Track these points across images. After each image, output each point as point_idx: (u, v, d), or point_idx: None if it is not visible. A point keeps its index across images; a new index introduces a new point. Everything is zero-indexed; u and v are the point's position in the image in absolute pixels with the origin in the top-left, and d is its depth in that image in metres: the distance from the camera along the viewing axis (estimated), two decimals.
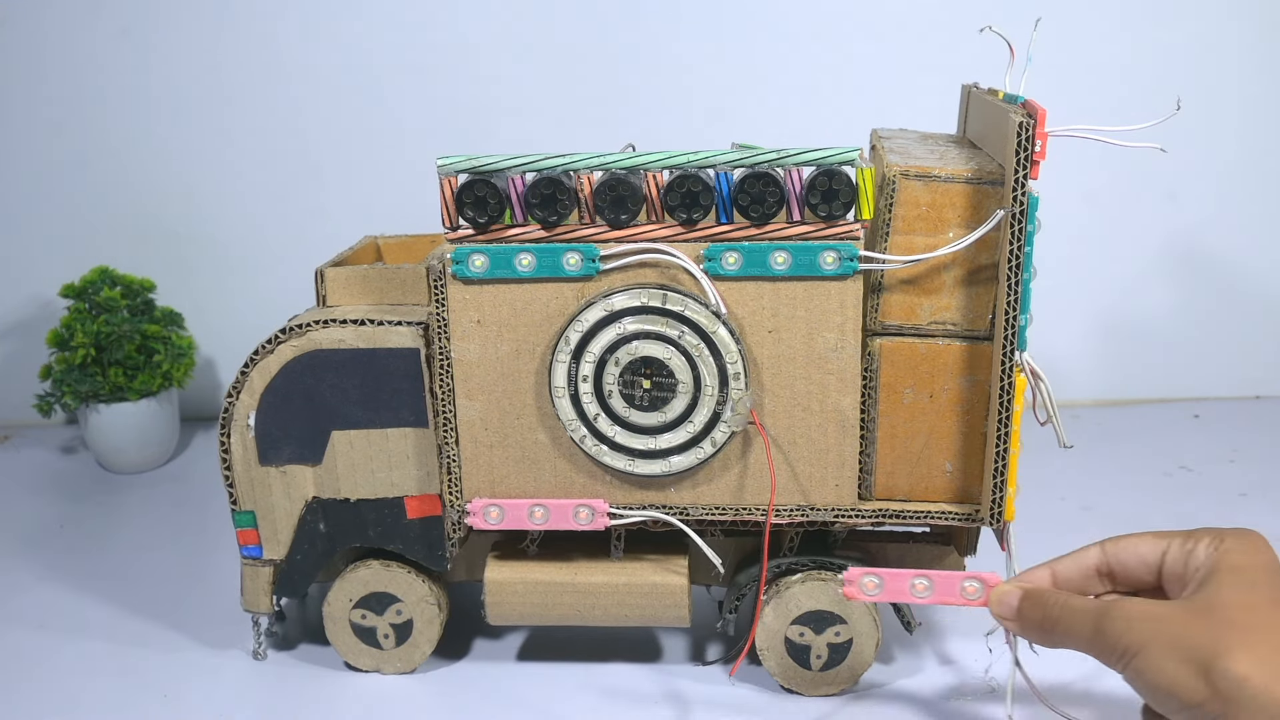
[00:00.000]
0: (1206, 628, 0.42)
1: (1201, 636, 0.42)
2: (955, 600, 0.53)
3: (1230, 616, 0.42)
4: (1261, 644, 0.40)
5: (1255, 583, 0.44)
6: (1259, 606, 0.42)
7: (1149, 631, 0.43)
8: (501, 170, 0.55)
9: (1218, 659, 0.40)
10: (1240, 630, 0.41)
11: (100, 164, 1.07)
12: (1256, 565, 0.45)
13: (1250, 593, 0.43)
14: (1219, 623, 0.42)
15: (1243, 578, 0.44)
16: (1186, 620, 0.43)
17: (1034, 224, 0.52)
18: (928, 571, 0.54)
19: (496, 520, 0.60)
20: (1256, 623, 0.41)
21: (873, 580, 0.54)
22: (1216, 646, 0.41)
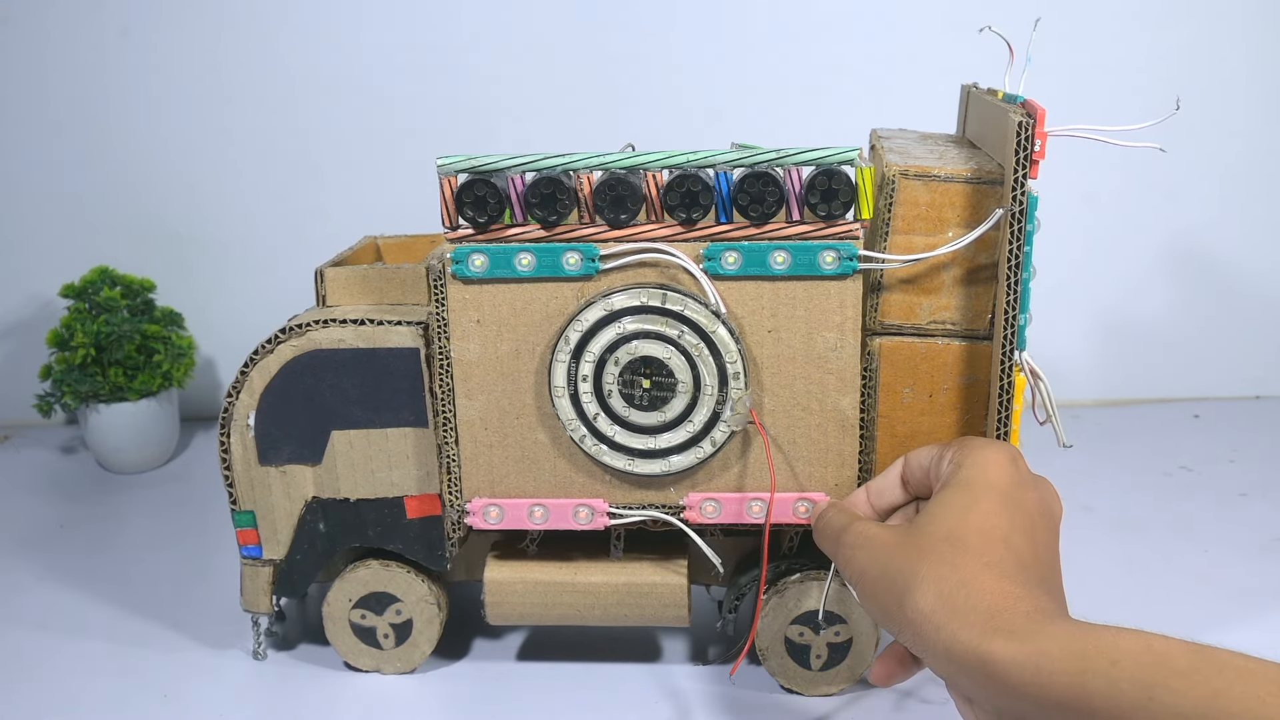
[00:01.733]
0: (908, 557, 0.43)
1: (903, 566, 0.42)
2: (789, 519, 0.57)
3: (930, 545, 0.43)
4: (948, 578, 0.41)
5: (970, 505, 0.44)
6: (961, 537, 0.42)
7: (866, 558, 0.44)
8: (501, 170, 0.55)
9: (909, 591, 0.41)
10: (932, 562, 0.42)
11: (100, 164, 1.07)
12: (981, 483, 0.45)
13: (961, 517, 0.43)
14: (919, 552, 0.42)
15: (963, 498, 0.44)
16: (896, 548, 0.44)
17: (1033, 223, 0.52)
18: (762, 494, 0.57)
19: (496, 520, 0.60)
20: (950, 555, 0.42)
21: (711, 504, 0.58)
22: (909, 579, 0.42)
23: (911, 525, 0.45)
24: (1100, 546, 0.79)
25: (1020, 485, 0.46)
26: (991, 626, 0.39)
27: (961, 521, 0.43)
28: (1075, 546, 0.78)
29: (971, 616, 0.39)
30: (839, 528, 0.48)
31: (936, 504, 0.45)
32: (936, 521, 0.44)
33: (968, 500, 0.44)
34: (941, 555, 0.42)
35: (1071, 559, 0.77)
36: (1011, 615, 0.39)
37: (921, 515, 0.45)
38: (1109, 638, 0.37)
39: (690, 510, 0.59)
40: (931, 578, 0.41)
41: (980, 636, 0.39)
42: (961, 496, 0.45)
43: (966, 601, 0.40)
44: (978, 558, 0.42)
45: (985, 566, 0.41)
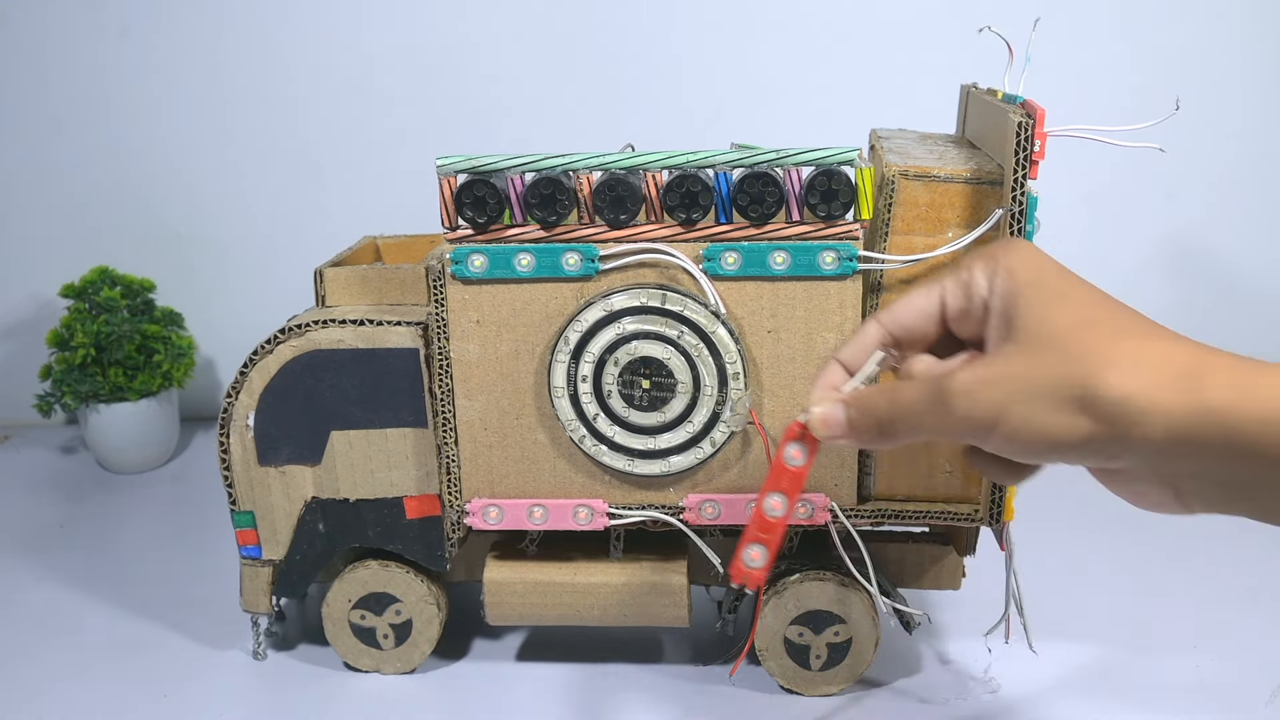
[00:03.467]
0: (1060, 362, 0.37)
1: (1058, 375, 0.37)
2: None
3: (1077, 340, 0.38)
4: (1124, 356, 0.36)
5: (1063, 294, 0.39)
6: (1089, 320, 0.38)
7: (999, 394, 0.38)
8: (501, 170, 0.55)
9: (1093, 390, 0.36)
10: (1090, 351, 0.37)
11: (100, 164, 1.07)
12: (1048, 274, 0.40)
13: (1069, 308, 0.39)
14: (1070, 352, 0.37)
15: (1049, 294, 0.40)
16: (1030, 364, 0.38)
17: (1033, 224, 0.52)
18: None
19: (496, 520, 0.60)
20: (1098, 337, 0.37)
21: (710, 505, 0.57)
22: (1081, 379, 0.36)
23: (1014, 341, 0.39)
24: (1100, 546, 0.79)
25: (1057, 262, 0.42)
26: (1206, 382, 0.35)
27: (1077, 308, 0.39)
28: (1075, 547, 0.79)
29: (1179, 379, 0.35)
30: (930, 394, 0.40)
31: (1026, 310, 0.39)
32: (1052, 319, 0.38)
33: (1056, 293, 0.39)
34: (1093, 341, 0.37)
35: (1071, 559, 0.77)
36: (1217, 368, 0.35)
37: (1019, 327, 0.39)
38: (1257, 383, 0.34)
39: (690, 511, 0.59)
40: (1104, 362, 0.36)
41: (1197, 390, 0.34)
42: (1043, 293, 0.39)
43: (1160, 367, 0.36)
44: (1128, 327, 0.38)
45: (1142, 333, 0.37)
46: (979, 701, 0.61)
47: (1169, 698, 0.61)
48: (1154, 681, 0.62)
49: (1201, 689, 0.61)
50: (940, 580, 0.64)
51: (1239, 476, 0.35)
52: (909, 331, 0.44)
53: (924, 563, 0.64)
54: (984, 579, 0.63)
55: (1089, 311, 0.39)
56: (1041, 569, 0.65)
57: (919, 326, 0.44)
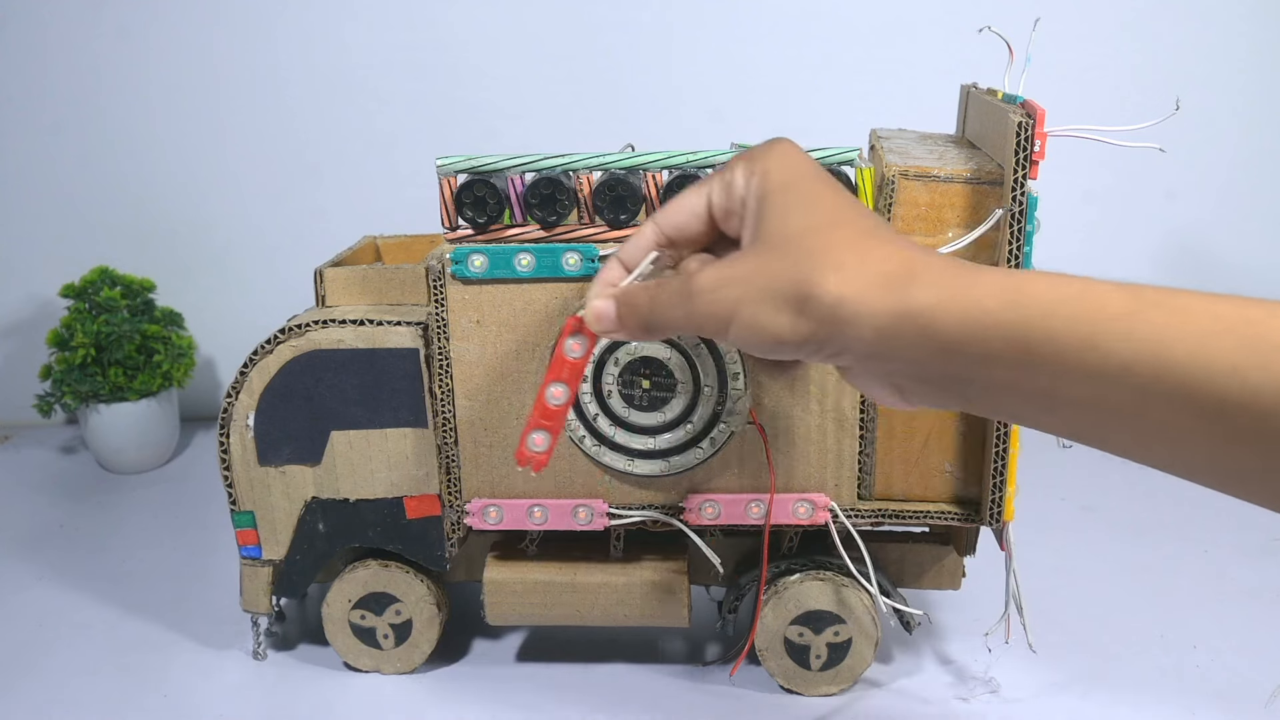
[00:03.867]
0: (785, 266, 0.39)
1: (784, 276, 0.39)
2: (788, 519, 0.56)
3: (808, 244, 0.39)
4: (842, 260, 0.38)
5: (807, 198, 0.41)
6: (822, 225, 0.40)
7: (734, 293, 0.41)
8: (501, 170, 0.55)
9: (808, 292, 0.38)
10: (815, 254, 0.39)
11: (100, 164, 1.07)
12: (800, 177, 0.42)
13: (808, 211, 0.41)
14: (799, 254, 0.39)
15: (793, 197, 0.41)
16: (762, 265, 0.40)
17: (1033, 224, 0.52)
18: (761, 495, 0.56)
19: (496, 520, 0.60)
20: (827, 241, 0.39)
21: (710, 505, 0.58)
22: (802, 281, 0.38)
23: (757, 242, 0.41)
24: (1100, 547, 0.79)
25: (816, 165, 0.43)
26: (917, 284, 0.37)
27: (814, 214, 0.40)
28: (1075, 547, 0.79)
29: (889, 283, 0.37)
30: (678, 290, 0.43)
31: (770, 212, 0.41)
32: (790, 222, 0.41)
33: (802, 196, 0.41)
34: (820, 245, 0.39)
35: (1071, 559, 0.77)
36: (927, 271, 0.37)
37: (762, 228, 0.41)
38: (1043, 285, 0.36)
39: (689, 511, 0.59)
40: (824, 265, 0.38)
41: (905, 297, 0.37)
42: (791, 196, 0.41)
43: (875, 273, 0.38)
44: (857, 232, 0.39)
45: (870, 237, 0.39)
46: (979, 701, 0.61)
47: (1169, 698, 0.61)
48: (1154, 682, 0.62)
49: (1201, 689, 0.61)
50: (940, 580, 0.64)
51: (947, 374, 0.37)
52: (681, 231, 0.46)
53: (924, 563, 0.64)
54: (984, 579, 0.63)
55: (830, 215, 0.40)
56: (1041, 569, 0.65)
57: (690, 226, 0.45)
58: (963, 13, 0.99)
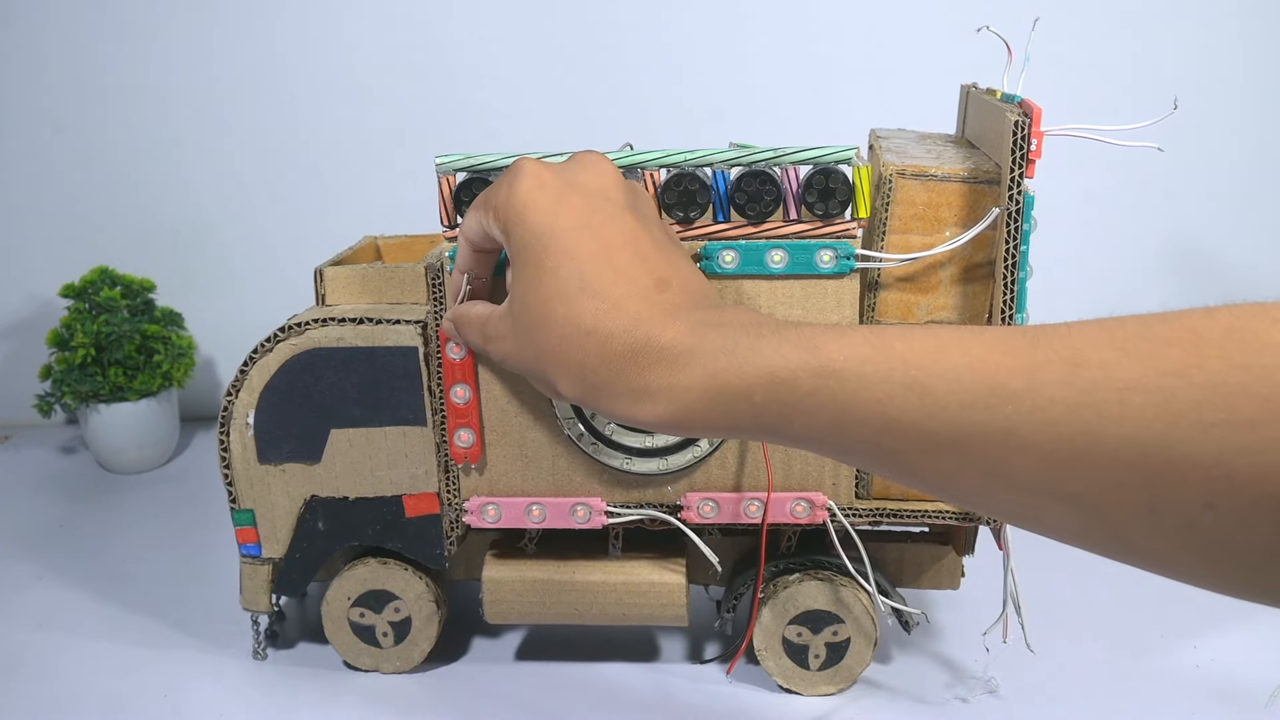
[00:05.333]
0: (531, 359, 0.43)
1: (534, 369, 0.43)
2: (786, 518, 0.58)
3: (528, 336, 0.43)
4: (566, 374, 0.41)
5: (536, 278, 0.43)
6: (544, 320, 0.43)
7: (510, 362, 0.46)
8: (499, 169, 0.55)
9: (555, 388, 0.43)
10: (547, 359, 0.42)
11: (100, 164, 1.07)
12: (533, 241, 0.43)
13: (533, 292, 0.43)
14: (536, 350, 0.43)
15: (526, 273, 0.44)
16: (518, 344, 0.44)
17: (1030, 223, 0.52)
18: (759, 493, 0.58)
19: (494, 519, 0.60)
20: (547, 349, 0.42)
21: (708, 504, 0.59)
22: (549, 383, 0.43)
23: (511, 303, 0.45)
24: None
25: (565, 213, 0.43)
26: (632, 397, 0.39)
27: (535, 301, 0.42)
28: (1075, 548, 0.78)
29: (607, 394, 0.40)
30: (475, 328, 0.48)
31: (517, 277, 0.44)
32: (519, 305, 0.44)
33: (531, 273, 0.43)
34: (542, 351, 0.42)
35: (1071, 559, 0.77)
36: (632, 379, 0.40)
37: (513, 291, 0.44)
38: (742, 375, 0.37)
39: (688, 510, 0.59)
40: (554, 373, 0.42)
41: (629, 409, 0.40)
42: (524, 272, 0.43)
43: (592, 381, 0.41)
44: (574, 338, 0.41)
45: (584, 341, 0.41)
46: (978, 701, 0.61)
47: (1169, 698, 0.61)
48: (1154, 682, 0.62)
49: (1201, 689, 0.61)
50: (939, 580, 0.64)
51: None
52: (481, 245, 0.49)
53: (923, 562, 0.64)
54: (983, 579, 0.63)
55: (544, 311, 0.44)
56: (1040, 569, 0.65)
57: (484, 244, 0.49)
58: (962, 13, 0.99)
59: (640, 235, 0.43)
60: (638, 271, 0.42)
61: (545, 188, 0.43)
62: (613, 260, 0.41)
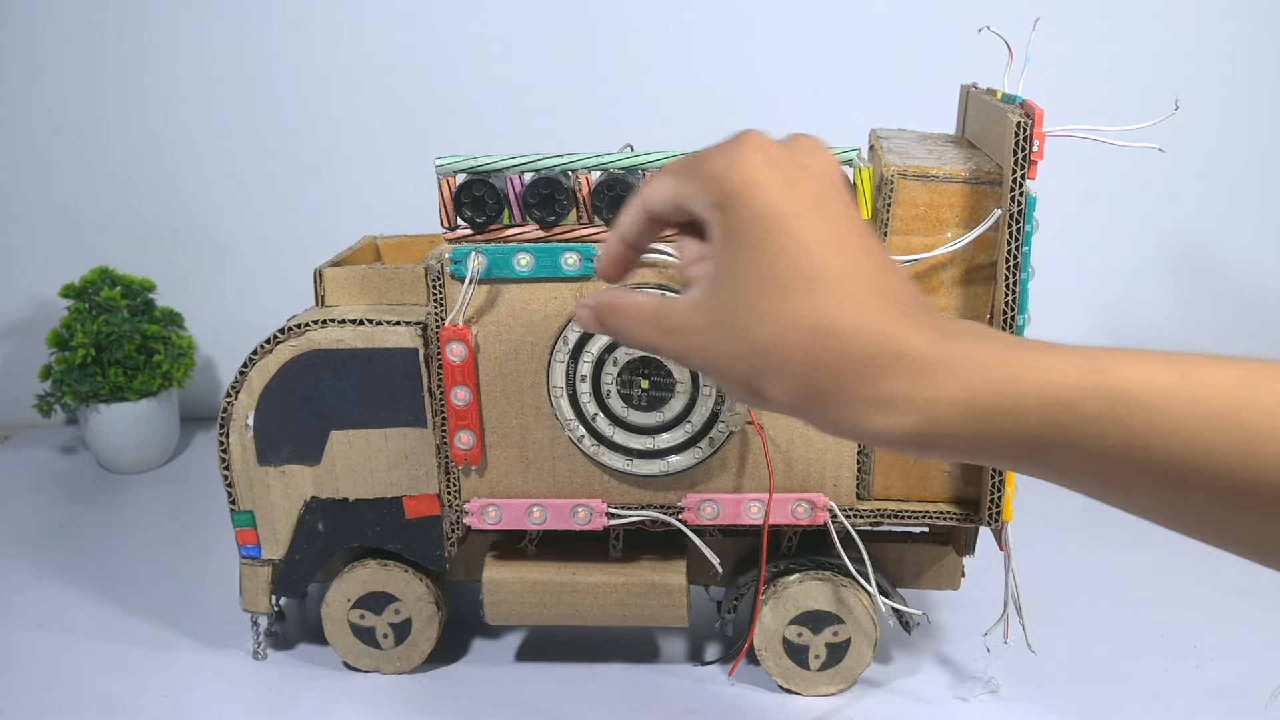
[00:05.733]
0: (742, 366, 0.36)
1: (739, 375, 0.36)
2: (787, 519, 0.57)
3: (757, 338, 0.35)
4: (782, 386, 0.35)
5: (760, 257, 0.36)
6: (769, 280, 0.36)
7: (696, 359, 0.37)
8: (499, 170, 0.55)
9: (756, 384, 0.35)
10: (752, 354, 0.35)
11: (100, 164, 1.07)
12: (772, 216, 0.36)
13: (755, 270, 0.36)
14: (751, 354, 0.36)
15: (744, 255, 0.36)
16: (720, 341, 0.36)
17: (1032, 224, 0.52)
18: (760, 494, 0.57)
19: (495, 520, 0.60)
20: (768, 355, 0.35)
21: (709, 505, 0.58)
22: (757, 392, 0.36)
23: (717, 294, 0.37)
24: (1100, 547, 0.79)
25: (794, 197, 0.36)
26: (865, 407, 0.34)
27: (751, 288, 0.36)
28: (1075, 547, 0.79)
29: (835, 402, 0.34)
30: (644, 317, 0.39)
31: (730, 258, 0.36)
32: (728, 293, 0.36)
33: (750, 256, 0.36)
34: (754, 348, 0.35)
35: (1071, 559, 0.77)
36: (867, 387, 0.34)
37: (720, 279, 0.37)
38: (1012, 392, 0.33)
39: (689, 511, 0.59)
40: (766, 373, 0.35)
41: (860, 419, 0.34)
42: (740, 255, 0.36)
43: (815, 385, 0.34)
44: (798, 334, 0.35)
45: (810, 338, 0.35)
46: (978, 701, 0.61)
47: (1169, 698, 0.61)
48: (1154, 682, 0.62)
49: (1201, 689, 0.61)
50: (939, 580, 0.64)
51: None
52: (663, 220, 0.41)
53: (923, 563, 0.64)
54: (983, 579, 0.63)
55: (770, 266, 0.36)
56: (1040, 569, 0.65)
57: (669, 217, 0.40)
58: (962, 13, 0.99)
59: (866, 229, 0.37)
60: (869, 266, 0.36)
61: (774, 165, 0.37)
62: (845, 251, 0.36)
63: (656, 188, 0.40)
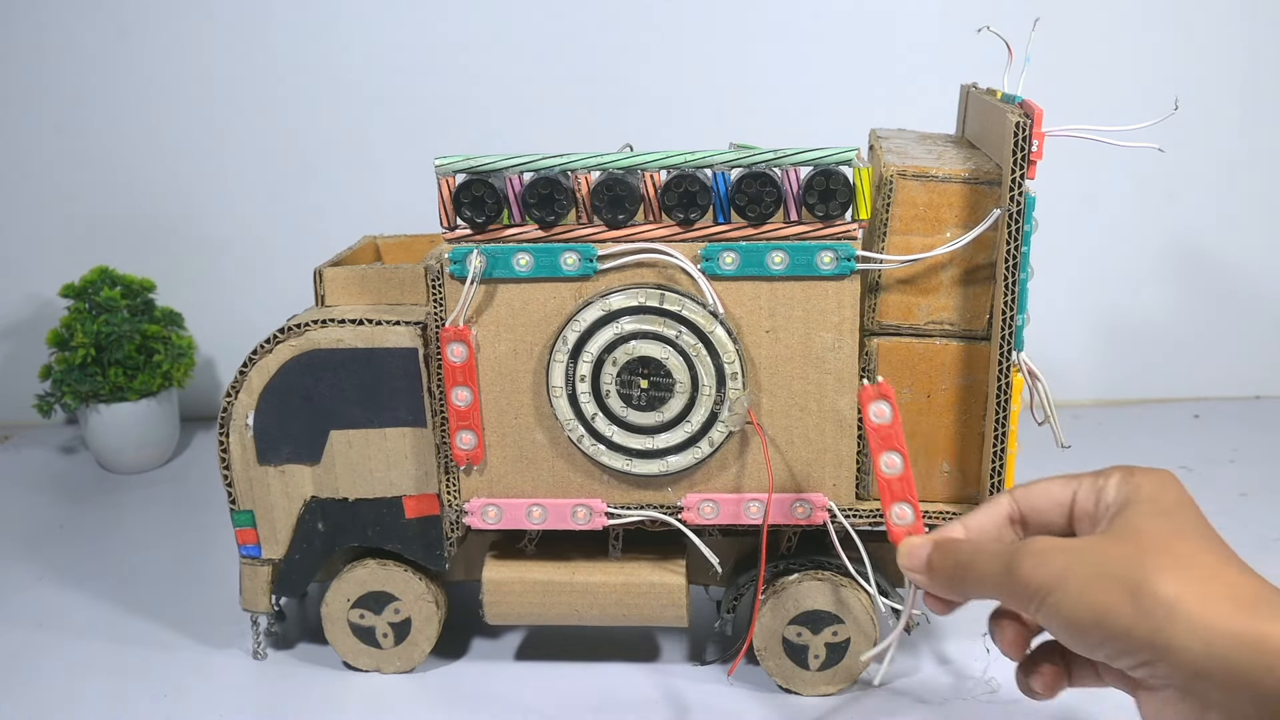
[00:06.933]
0: (1129, 553, 0.39)
1: (1125, 561, 0.38)
2: (787, 519, 0.57)
3: (1153, 541, 0.39)
4: (1189, 567, 0.37)
5: (1169, 512, 0.41)
6: (1181, 532, 0.39)
7: (1065, 563, 0.40)
8: (499, 170, 0.55)
9: (1146, 581, 0.37)
10: (1166, 554, 0.38)
11: (100, 164, 1.07)
12: (1168, 497, 0.41)
13: (1167, 520, 0.40)
14: (1142, 548, 0.39)
15: (1157, 507, 0.41)
16: (1106, 548, 0.40)
17: (1031, 223, 0.52)
18: (760, 494, 0.57)
19: (494, 520, 0.60)
20: (1180, 548, 0.38)
21: (709, 505, 0.58)
22: (1143, 570, 0.38)
23: (1111, 531, 0.41)
24: None
25: (1197, 505, 0.42)
26: (1262, 613, 0.35)
27: (1175, 524, 0.40)
28: None
29: (1234, 603, 0.35)
30: (1005, 554, 0.42)
31: (1134, 513, 0.41)
32: (1147, 523, 0.40)
33: (1169, 509, 0.41)
34: (1173, 548, 0.38)
35: None
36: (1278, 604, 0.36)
37: (1119, 522, 0.41)
38: None
39: (688, 510, 0.59)
40: (1171, 566, 0.37)
41: (1253, 621, 0.35)
42: (1159, 507, 0.41)
43: (1222, 589, 0.36)
44: (1213, 552, 0.38)
45: (1224, 560, 0.38)
46: (977, 701, 0.61)
47: None
48: None
49: None
50: None
51: (1265, 709, 0.35)
52: (1038, 514, 0.45)
53: None
54: None
55: (1189, 528, 0.40)
56: None
57: (1048, 513, 0.45)
58: (962, 12, 0.99)
59: None
60: None
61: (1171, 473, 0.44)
62: None
63: (1041, 488, 0.46)
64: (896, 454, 0.51)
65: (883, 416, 0.50)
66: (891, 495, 0.51)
